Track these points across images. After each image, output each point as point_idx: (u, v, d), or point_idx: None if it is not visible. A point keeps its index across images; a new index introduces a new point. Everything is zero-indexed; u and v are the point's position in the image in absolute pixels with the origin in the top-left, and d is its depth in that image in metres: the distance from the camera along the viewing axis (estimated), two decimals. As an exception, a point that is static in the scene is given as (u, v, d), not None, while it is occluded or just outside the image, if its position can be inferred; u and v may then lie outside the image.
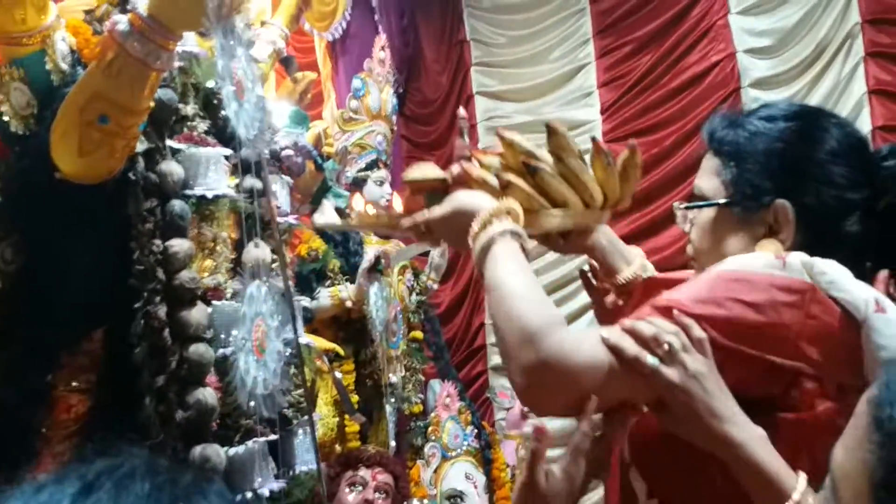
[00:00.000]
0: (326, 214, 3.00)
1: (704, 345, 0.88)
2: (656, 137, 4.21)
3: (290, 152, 2.32)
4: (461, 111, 1.48)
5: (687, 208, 1.09)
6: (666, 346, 0.87)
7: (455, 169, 1.13)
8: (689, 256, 1.10)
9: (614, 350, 0.89)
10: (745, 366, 0.89)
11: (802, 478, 0.84)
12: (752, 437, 0.86)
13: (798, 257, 0.93)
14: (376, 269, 3.13)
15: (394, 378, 3.34)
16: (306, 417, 2.20)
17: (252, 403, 1.54)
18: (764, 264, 0.93)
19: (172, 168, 1.85)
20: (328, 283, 3.15)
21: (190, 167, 1.90)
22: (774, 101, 1.11)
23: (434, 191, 1.14)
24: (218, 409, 1.75)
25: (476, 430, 3.52)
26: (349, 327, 3.23)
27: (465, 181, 1.11)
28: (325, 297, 3.11)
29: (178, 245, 1.84)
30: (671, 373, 0.87)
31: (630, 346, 0.89)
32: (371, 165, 3.39)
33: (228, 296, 1.94)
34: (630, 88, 4.29)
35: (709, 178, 1.06)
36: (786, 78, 4.05)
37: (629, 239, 1.38)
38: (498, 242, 0.99)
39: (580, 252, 1.24)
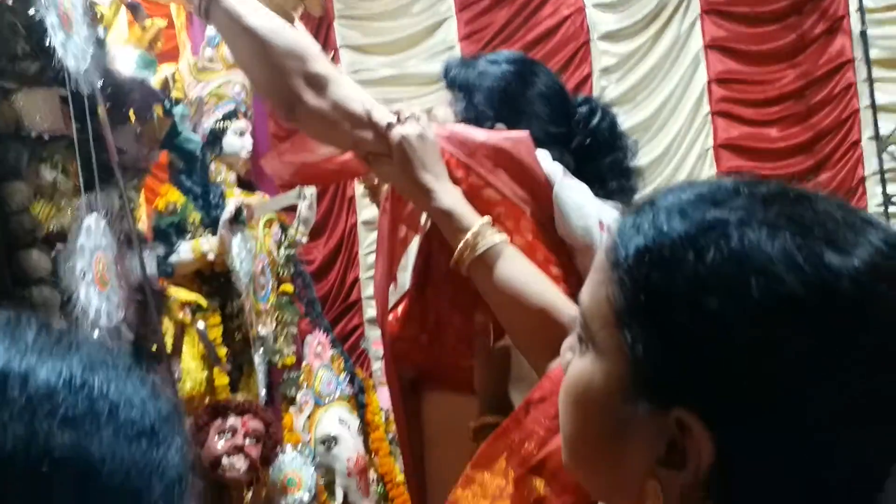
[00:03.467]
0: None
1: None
2: (514, 89, 4.35)
3: (135, 96, 2.28)
4: None
5: None
6: (407, 114, 1.10)
7: None
8: None
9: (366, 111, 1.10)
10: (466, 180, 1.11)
11: (486, 218, 1.07)
12: (446, 188, 1.08)
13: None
14: (238, 220, 3.11)
15: (263, 330, 3.34)
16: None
17: (96, 336, 1.54)
18: None
19: (4, 109, 1.79)
20: (188, 236, 3.11)
21: (24, 108, 1.84)
22: (500, 51, 1.35)
23: None
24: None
25: (349, 377, 3.59)
26: (213, 281, 3.20)
27: None
28: (186, 250, 3.07)
29: (14, 187, 1.79)
30: (405, 128, 1.08)
31: (380, 108, 1.11)
32: (229, 116, 3.33)
33: (72, 239, 1.90)
34: (489, 42, 4.40)
35: (443, 108, 1.27)
36: (630, 32, 4.28)
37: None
38: None
39: None
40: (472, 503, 0.85)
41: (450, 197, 1.07)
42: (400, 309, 1.27)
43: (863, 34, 3.93)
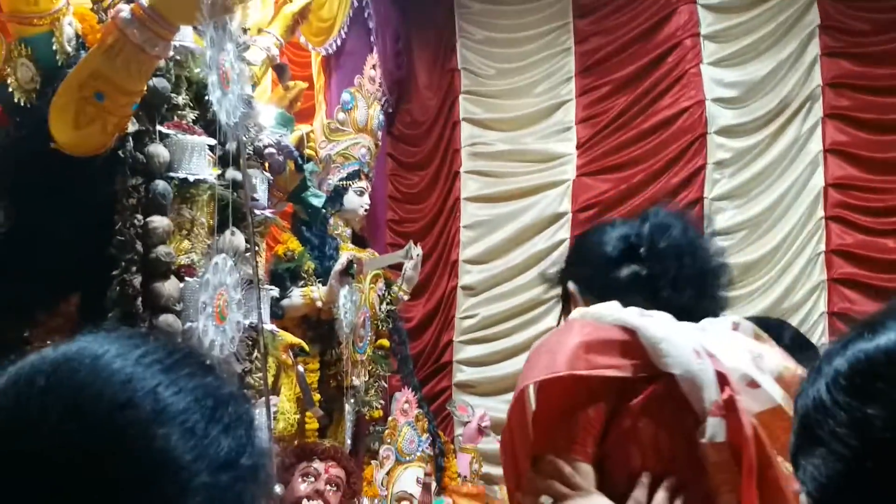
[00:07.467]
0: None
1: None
2: (626, 174, 4.43)
3: (272, 150, 2.48)
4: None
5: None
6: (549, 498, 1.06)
7: None
8: None
9: None
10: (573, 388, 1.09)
11: None
12: None
13: (577, 312, 1.19)
14: (348, 273, 3.27)
15: (357, 381, 3.46)
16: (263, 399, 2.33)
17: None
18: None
19: (159, 150, 1.99)
20: (302, 283, 3.29)
21: (176, 152, 2.03)
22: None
23: None
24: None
25: (431, 438, 3.65)
26: (318, 328, 3.36)
27: None
28: (297, 295, 3.25)
29: (158, 221, 1.98)
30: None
31: None
32: (353, 176, 3.57)
33: (201, 274, 2.08)
34: (605, 126, 4.50)
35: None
36: (749, 129, 4.28)
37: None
38: None
39: None
40: None
41: None
42: None
43: None
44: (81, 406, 0.55)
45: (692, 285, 1.18)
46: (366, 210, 3.65)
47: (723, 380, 1.03)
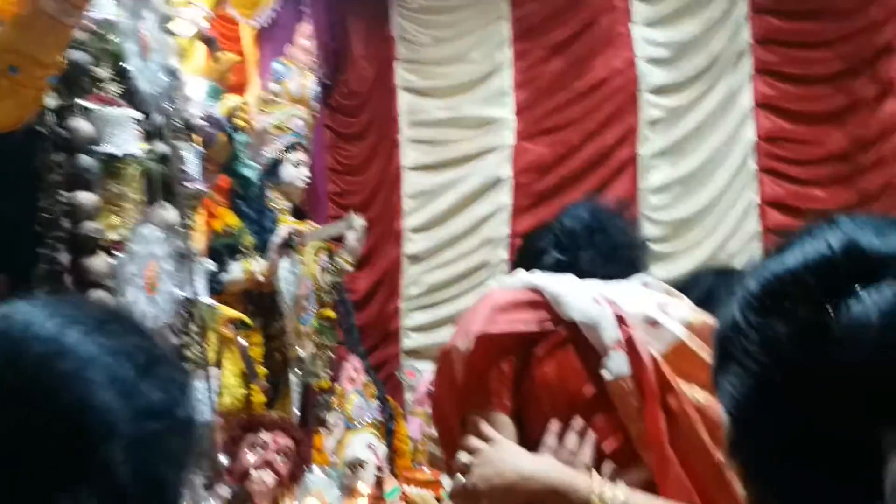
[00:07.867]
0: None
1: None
2: (563, 137, 4.49)
3: (202, 122, 2.46)
4: None
5: None
6: (463, 463, 1.11)
7: None
8: None
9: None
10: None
11: (595, 476, 1.05)
12: (543, 467, 1.07)
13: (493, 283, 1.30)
14: (288, 245, 3.27)
15: (302, 353, 3.47)
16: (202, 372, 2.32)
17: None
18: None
19: (82, 125, 1.96)
20: (240, 257, 3.28)
21: (100, 126, 2.00)
22: None
23: None
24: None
25: (380, 404, 3.69)
26: (260, 301, 3.36)
27: None
28: (237, 269, 3.23)
29: (85, 197, 1.95)
30: (472, 475, 1.09)
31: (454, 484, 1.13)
32: (290, 147, 3.54)
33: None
34: (542, 90, 4.55)
35: None
36: (681, 86, 4.38)
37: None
38: None
39: None
40: None
41: (555, 470, 1.05)
42: None
43: (915, 99, 3.97)
44: (15, 360, 0.58)
45: (607, 258, 1.27)
46: (305, 182, 3.63)
47: (622, 321, 1.10)
